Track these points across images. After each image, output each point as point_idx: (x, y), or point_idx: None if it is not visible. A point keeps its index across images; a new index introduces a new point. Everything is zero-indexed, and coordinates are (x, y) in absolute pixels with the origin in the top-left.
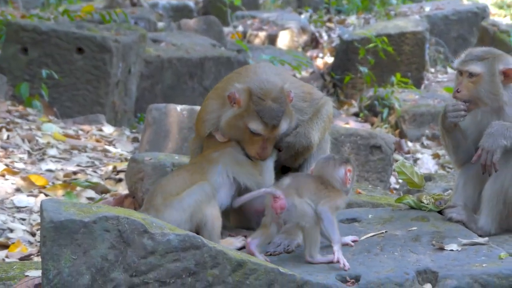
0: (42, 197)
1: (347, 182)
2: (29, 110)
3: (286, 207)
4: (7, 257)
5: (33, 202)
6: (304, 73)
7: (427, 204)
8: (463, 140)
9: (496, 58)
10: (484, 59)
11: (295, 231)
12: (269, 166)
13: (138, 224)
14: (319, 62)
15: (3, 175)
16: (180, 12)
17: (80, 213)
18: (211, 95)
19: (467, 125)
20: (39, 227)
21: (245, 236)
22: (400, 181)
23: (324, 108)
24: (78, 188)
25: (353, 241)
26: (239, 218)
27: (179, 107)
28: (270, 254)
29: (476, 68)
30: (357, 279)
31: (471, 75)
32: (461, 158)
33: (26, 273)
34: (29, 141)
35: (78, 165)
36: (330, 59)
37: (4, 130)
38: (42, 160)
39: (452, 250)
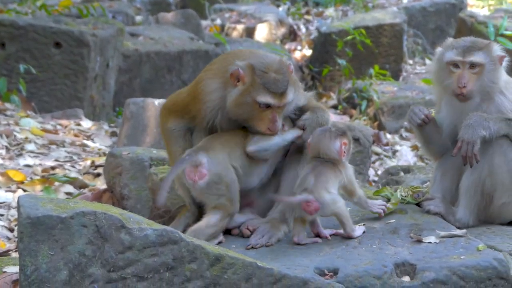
0: (20, 192)
1: (342, 155)
2: (7, 105)
3: (319, 208)
4: None
5: (11, 197)
6: None
7: (405, 196)
8: (436, 134)
9: (492, 46)
10: (482, 48)
11: (279, 223)
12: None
13: (115, 219)
14: (298, 55)
15: None
16: (158, 6)
17: (57, 208)
18: (206, 75)
19: (443, 119)
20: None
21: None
22: (379, 173)
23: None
24: (57, 183)
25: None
26: None
27: (157, 101)
28: (252, 247)
29: (478, 57)
30: (335, 272)
31: (473, 65)
32: (435, 152)
33: (4, 269)
34: (7, 136)
35: (56, 160)
36: (308, 52)
37: None
38: (20, 155)
39: (430, 242)
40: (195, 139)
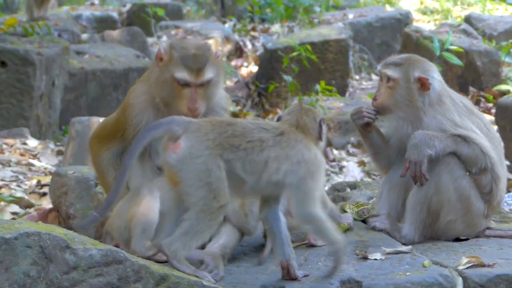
0: None
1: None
2: None
3: None
4: None
5: None
6: (229, 83)
7: (351, 213)
8: (384, 146)
9: (413, 65)
10: (401, 64)
11: (219, 257)
12: None
13: (59, 239)
14: (244, 71)
15: None
16: (103, 23)
17: (1, 229)
18: (137, 83)
19: (390, 133)
20: None
21: None
22: (326, 189)
23: None
24: (2, 203)
25: None
26: None
27: (102, 120)
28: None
29: (393, 72)
30: None
31: (388, 79)
32: (383, 165)
33: None
34: None
35: (2, 180)
36: (254, 68)
37: None
38: None
39: (376, 259)
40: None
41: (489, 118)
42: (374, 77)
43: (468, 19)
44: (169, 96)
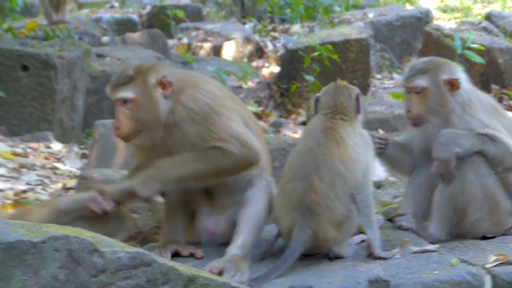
0: None
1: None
2: None
3: None
4: None
5: None
6: (251, 83)
7: (377, 212)
8: (403, 155)
9: (438, 68)
10: (426, 71)
11: (242, 261)
12: None
13: (87, 242)
14: (265, 72)
15: None
16: (124, 26)
17: (29, 233)
18: None
19: (413, 136)
20: None
21: (192, 253)
22: None
23: (212, 151)
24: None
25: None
26: (191, 234)
27: None
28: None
29: (420, 82)
30: None
31: (417, 89)
32: (404, 171)
33: None
34: None
35: (27, 184)
36: (276, 69)
37: None
38: None
39: (402, 258)
40: None
41: None
42: (395, 75)
43: (488, 17)
44: None
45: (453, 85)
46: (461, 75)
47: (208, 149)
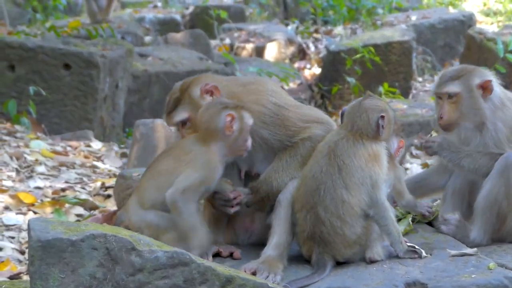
0: (31, 214)
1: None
2: (17, 127)
3: None
4: None
5: (22, 220)
6: (292, 85)
7: (416, 215)
8: (439, 181)
9: (470, 74)
10: (459, 77)
11: (276, 261)
12: None
13: (125, 241)
14: (307, 73)
15: None
16: (166, 26)
17: (67, 231)
18: None
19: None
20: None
21: (231, 253)
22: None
23: (303, 144)
24: (67, 205)
25: None
26: (228, 235)
27: None
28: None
29: (453, 88)
30: None
31: (450, 96)
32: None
33: None
34: (17, 159)
35: (66, 182)
36: (317, 70)
37: None
38: (30, 177)
39: (441, 261)
40: None
41: None
42: (437, 79)
43: None
44: None
45: (485, 88)
46: (493, 78)
47: (298, 143)
